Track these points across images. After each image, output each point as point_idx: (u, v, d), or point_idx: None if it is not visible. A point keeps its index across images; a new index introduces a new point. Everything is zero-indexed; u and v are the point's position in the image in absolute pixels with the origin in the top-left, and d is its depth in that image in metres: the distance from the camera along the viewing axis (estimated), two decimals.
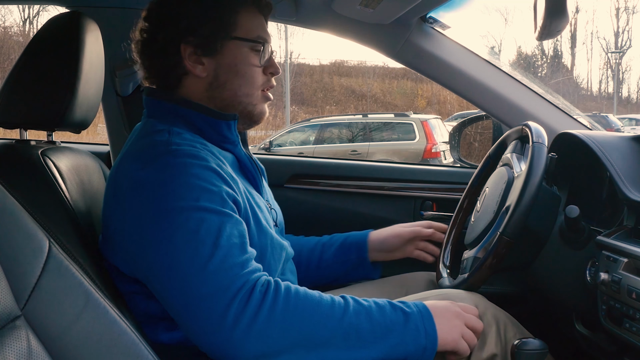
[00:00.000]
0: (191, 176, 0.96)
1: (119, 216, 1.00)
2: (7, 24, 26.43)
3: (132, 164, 1.00)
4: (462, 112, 16.12)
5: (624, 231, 1.03)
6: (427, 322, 0.96)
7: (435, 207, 1.86)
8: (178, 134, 1.04)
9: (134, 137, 1.10)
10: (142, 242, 0.95)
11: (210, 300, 0.89)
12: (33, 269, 0.68)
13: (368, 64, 28.85)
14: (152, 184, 0.96)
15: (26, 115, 1.19)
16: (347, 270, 1.37)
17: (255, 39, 1.11)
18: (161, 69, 1.11)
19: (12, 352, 0.63)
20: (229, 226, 0.95)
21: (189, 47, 1.08)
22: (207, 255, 0.91)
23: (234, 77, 1.10)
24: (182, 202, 0.94)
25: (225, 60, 1.09)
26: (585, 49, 46.75)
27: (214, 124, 1.10)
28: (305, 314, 0.92)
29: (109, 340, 0.70)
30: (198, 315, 0.90)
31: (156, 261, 0.93)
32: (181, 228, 0.93)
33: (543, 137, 1.13)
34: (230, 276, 0.91)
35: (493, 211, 1.16)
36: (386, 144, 9.59)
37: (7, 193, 0.71)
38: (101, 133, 12.60)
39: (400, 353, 0.94)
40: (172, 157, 0.98)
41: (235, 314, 0.89)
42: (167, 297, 0.94)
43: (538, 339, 0.95)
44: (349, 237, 1.39)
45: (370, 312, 0.95)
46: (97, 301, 0.71)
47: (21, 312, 0.66)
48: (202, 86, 1.10)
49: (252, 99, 1.12)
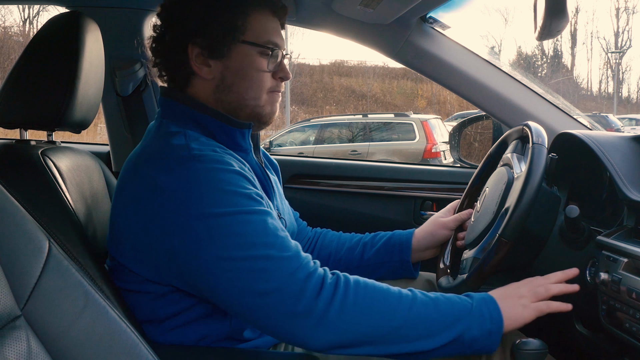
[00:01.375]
0: (221, 182, 0.96)
1: (137, 220, 0.98)
2: (7, 24, 26.44)
3: (152, 168, 0.98)
4: (462, 112, 16.12)
5: (624, 231, 1.03)
6: (491, 307, 0.98)
7: (435, 207, 1.86)
8: (195, 139, 1.02)
9: (149, 137, 1.08)
10: (180, 249, 0.94)
11: (280, 294, 0.91)
12: (33, 269, 0.68)
13: (368, 64, 28.85)
14: (182, 190, 0.94)
15: (26, 115, 1.19)
16: (388, 270, 1.35)
17: (265, 44, 1.09)
18: (169, 67, 1.11)
19: (12, 352, 0.63)
20: (271, 222, 0.96)
21: (196, 48, 1.07)
22: (262, 256, 0.92)
23: (240, 81, 1.09)
24: (218, 207, 0.93)
25: (233, 63, 1.08)
26: (585, 49, 46.84)
27: (229, 131, 1.09)
28: (375, 306, 0.94)
29: (109, 340, 0.70)
30: (270, 310, 0.92)
31: (206, 268, 0.93)
32: (226, 233, 0.93)
33: (543, 137, 1.12)
34: (294, 268, 0.93)
35: (493, 212, 1.16)
36: (386, 144, 9.58)
37: (7, 193, 0.71)
38: (101, 133, 12.61)
39: (467, 339, 0.95)
40: (198, 162, 0.96)
41: (308, 304, 0.91)
42: (228, 299, 0.94)
43: (538, 339, 0.95)
44: (392, 237, 1.36)
45: (437, 303, 0.97)
46: (97, 301, 0.71)
47: (21, 312, 0.66)
48: (209, 88, 1.09)
49: (259, 101, 1.11)
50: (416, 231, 1.36)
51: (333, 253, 1.37)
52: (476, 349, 0.96)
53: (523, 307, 0.99)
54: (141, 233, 0.98)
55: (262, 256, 0.92)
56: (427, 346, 0.94)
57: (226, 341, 1.07)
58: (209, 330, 1.05)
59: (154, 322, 1.04)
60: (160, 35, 1.10)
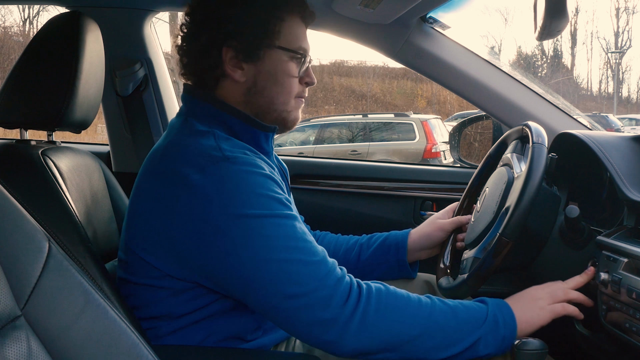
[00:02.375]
0: (253, 184, 0.96)
1: (162, 215, 0.99)
2: (7, 24, 26.40)
3: (183, 165, 0.98)
4: (462, 112, 16.11)
5: (624, 231, 1.03)
6: (505, 312, 1.00)
7: (435, 207, 1.86)
8: (224, 139, 1.03)
9: (173, 133, 1.08)
10: (210, 248, 0.95)
11: (309, 298, 0.93)
12: (33, 269, 0.68)
13: (368, 64, 28.84)
14: (215, 191, 0.95)
15: (26, 115, 1.19)
16: (385, 271, 1.36)
17: (297, 50, 1.10)
18: (199, 68, 1.10)
19: (12, 352, 0.63)
20: (299, 226, 0.98)
21: (231, 50, 1.06)
22: (294, 259, 0.94)
23: (272, 85, 1.09)
24: (251, 209, 0.94)
25: (266, 67, 1.08)
26: (585, 49, 46.81)
27: (253, 133, 1.09)
28: (396, 314, 0.96)
29: (109, 340, 0.70)
30: (298, 314, 0.94)
31: (237, 268, 0.94)
32: (259, 235, 0.94)
33: (543, 137, 1.12)
34: (324, 273, 0.95)
35: (493, 212, 1.16)
36: (386, 144, 9.58)
37: (7, 193, 0.71)
38: (101, 133, 12.60)
39: (481, 346, 0.97)
40: (231, 164, 0.97)
41: (336, 310, 0.93)
42: (257, 300, 0.96)
43: (538, 339, 0.95)
44: (388, 237, 1.37)
45: (455, 312, 0.99)
46: (97, 301, 0.71)
47: (21, 312, 0.66)
48: (239, 91, 1.09)
49: (288, 106, 1.12)
50: (412, 231, 1.37)
51: (331, 255, 1.37)
52: (488, 354, 0.98)
53: (539, 309, 1.02)
54: (166, 229, 0.98)
55: (294, 260, 0.94)
56: (444, 354, 0.97)
57: (231, 339, 1.07)
58: (218, 328, 1.05)
59: (167, 319, 1.04)
60: (192, 36, 1.09)
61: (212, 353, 1.04)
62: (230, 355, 1.06)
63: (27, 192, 0.87)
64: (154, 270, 1.02)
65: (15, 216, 0.70)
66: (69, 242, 0.86)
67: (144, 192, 1.05)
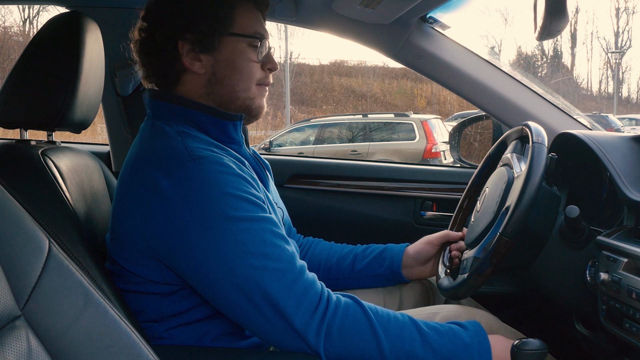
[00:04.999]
0: (222, 184, 0.96)
1: (136, 223, 0.99)
2: (7, 24, 26.43)
3: (153, 170, 0.98)
4: (462, 112, 16.11)
5: (624, 231, 1.03)
6: (481, 339, 0.99)
7: (435, 207, 1.86)
8: (191, 137, 1.03)
9: (142, 138, 1.09)
10: (179, 253, 0.95)
11: (275, 306, 0.93)
12: (33, 269, 0.68)
13: (368, 64, 28.86)
14: (183, 194, 0.95)
15: (26, 115, 1.19)
16: (380, 281, 1.36)
17: (253, 35, 1.11)
18: (160, 67, 1.11)
19: (12, 352, 0.63)
20: (269, 229, 0.97)
21: (187, 44, 1.08)
22: (260, 266, 0.94)
23: (232, 73, 1.10)
24: (219, 212, 0.94)
25: (223, 56, 1.10)
26: (585, 49, 46.80)
27: (221, 124, 1.10)
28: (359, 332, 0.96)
29: (109, 340, 0.70)
30: (265, 320, 0.94)
31: (204, 272, 0.94)
32: (227, 241, 0.93)
33: (543, 137, 1.13)
34: (290, 281, 0.95)
35: (493, 211, 1.16)
36: (386, 144, 9.58)
37: (7, 193, 0.71)
38: (101, 133, 12.60)
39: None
40: (198, 164, 0.97)
41: (303, 318, 0.94)
42: (225, 305, 0.96)
43: (538, 339, 0.95)
44: (384, 251, 1.37)
45: (426, 340, 0.97)
46: (97, 301, 0.71)
47: (21, 312, 0.66)
48: (200, 83, 1.10)
49: (250, 93, 1.12)
50: (408, 248, 1.36)
51: (323, 262, 1.37)
52: None
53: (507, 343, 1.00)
54: (142, 235, 0.98)
55: (259, 266, 0.93)
56: None
57: (228, 337, 1.07)
58: (213, 327, 1.05)
59: (160, 320, 1.04)
60: (148, 36, 1.11)
61: (211, 352, 1.04)
62: (229, 354, 1.05)
63: (27, 192, 0.87)
64: (137, 277, 1.03)
65: (15, 216, 0.70)
66: (69, 242, 0.86)
67: (120, 202, 1.05)
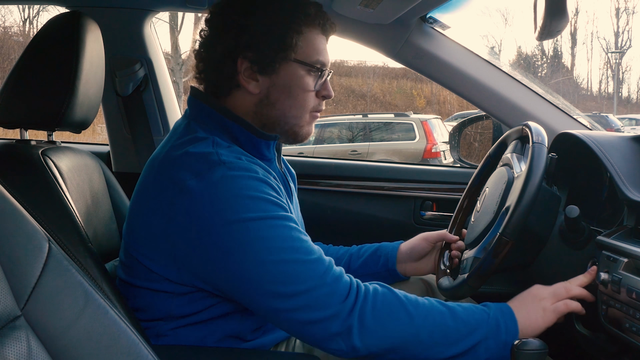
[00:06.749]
0: (247, 188, 0.96)
1: (160, 221, 0.99)
2: (7, 24, 26.38)
3: (181, 171, 0.98)
4: (462, 112, 16.10)
5: (624, 231, 1.03)
6: (507, 317, 0.99)
7: (435, 207, 1.87)
8: (223, 146, 1.02)
9: (175, 137, 1.07)
10: (207, 253, 0.95)
11: (307, 297, 0.93)
12: (33, 269, 0.68)
13: (368, 64, 28.83)
14: (209, 194, 0.95)
15: (26, 115, 1.19)
16: (376, 279, 1.37)
17: (314, 63, 1.08)
18: (214, 77, 1.09)
19: (12, 352, 0.63)
20: (294, 226, 0.98)
21: (246, 62, 1.06)
22: (291, 259, 0.94)
23: (286, 98, 1.08)
24: (246, 213, 0.94)
25: (281, 80, 1.07)
26: (585, 49, 46.79)
27: (255, 142, 1.08)
28: (392, 312, 0.96)
29: (109, 340, 0.70)
30: (299, 313, 0.93)
31: (234, 272, 0.94)
32: (255, 237, 0.94)
33: (543, 137, 1.13)
34: (322, 271, 0.95)
35: (493, 211, 1.16)
36: (386, 144, 9.58)
37: (7, 193, 0.71)
38: (101, 133, 12.60)
39: (481, 350, 0.96)
40: (227, 169, 0.97)
41: (336, 307, 0.93)
42: (256, 302, 0.96)
43: (538, 339, 0.95)
44: (378, 249, 1.37)
45: (454, 312, 0.98)
46: (97, 301, 0.71)
47: (21, 312, 0.66)
48: (251, 102, 1.09)
49: (301, 120, 1.11)
50: (402, 244, 1.37)
51: None
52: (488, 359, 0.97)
53: (543, 311, 1.01)
54: (164, 234, 0.98)
55: (290, 260, 0.94)
56: (443, 354, 0.96)
57: (231, 339, 1.07)
58: (217, 328, 1.06)
59: (167, 319, 1.04)
60: (209, 43, 1.09)
61: (211, 353, 1.04)
62: (229, 355, 1.06)
63: (27, 192, 0.87)
64: (153, 274, 1.02)
65: (15, 216, 0.70)
66: (69, 242, 0.86)
67: (144, 197, 1.05)
